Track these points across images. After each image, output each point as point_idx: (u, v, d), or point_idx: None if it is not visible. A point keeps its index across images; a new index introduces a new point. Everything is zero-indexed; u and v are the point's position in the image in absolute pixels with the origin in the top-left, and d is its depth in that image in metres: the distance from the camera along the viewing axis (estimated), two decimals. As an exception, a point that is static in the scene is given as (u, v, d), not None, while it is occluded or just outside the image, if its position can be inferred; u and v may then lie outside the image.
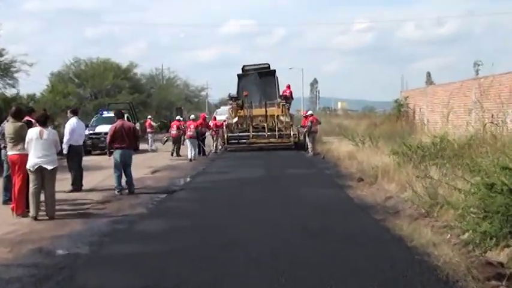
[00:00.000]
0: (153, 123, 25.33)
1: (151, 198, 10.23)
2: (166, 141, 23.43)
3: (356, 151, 16.48)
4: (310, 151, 20.18)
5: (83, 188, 11.31)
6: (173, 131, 21.58)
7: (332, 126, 31.66)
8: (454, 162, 9.37)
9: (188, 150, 19.83)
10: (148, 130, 24.66)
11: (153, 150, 23.74)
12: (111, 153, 10.94)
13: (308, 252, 5.87)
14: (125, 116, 26.80)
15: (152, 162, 18.45)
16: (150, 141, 24.21)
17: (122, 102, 32.53)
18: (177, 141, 21.29)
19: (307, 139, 20.74)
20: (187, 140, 19.85)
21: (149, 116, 26.50)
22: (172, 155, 21.04)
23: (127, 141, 10.86)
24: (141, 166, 16.53)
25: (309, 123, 20.37)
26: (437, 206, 7.29)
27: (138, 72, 47.25)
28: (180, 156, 20.76)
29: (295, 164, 17.11)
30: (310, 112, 21.95)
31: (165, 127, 42.35)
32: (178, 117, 23.52)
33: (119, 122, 10.97)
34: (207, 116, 25.55)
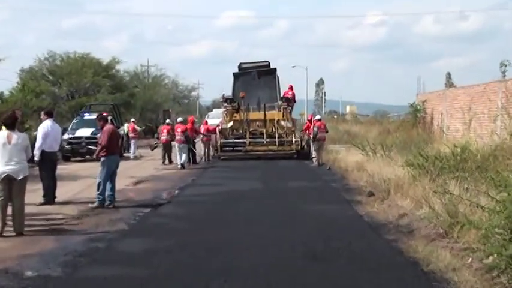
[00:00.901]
0: (137, 128, 25.33)
1: (133, 212, 10.21)
2: (155, 147, 23.44)
3: (366, 162, 16.50)
4: (314, 161, 20.26)
5: (56, 200, 11.27)
6: (163, 136, 21.66)
7: (339, 133, 31.71)
8: (476, 175, 9.39)
9: (178, 156, 19.90)
10: (131, 135, 24.65)
11: (136, 158, 23.73)
12: (98, 158, 10.99)
13: (311, 278, 5.85)
14: (108, 119, 27.41)
15: (135, 171, 18.42)
16: (133, 147, 24.20)
17: (105, 103, 32.63)
18: (169, 148, 21.44)
19: (312, 147, 20.74)
20: (176, 146, 20.03)
21: (132, 119, 26.51)
22: (164, 162, 21.17)
23: (118, 147, 11.12)
24: (123, 176, 16.43)
25: (315, 129, 20.35)
26: (458, 225, 7.29)
27: (121, 69, 47.43)
28: (172, 163, 20.82)
29: (298, 175, 17.09)
30: (318, 117, 21.87)
31: (150, 132, 42.42)
32: (168, 120, 23.54)
33: (111, 126, 11.15)
34: (196, 120, 25.58)
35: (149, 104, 48.49)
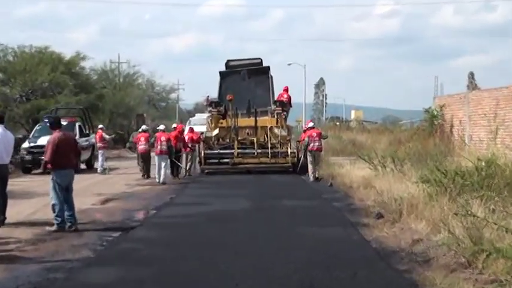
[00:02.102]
0: (106, 136, 25.23)
1: (100, 237, 10.17)
2: (130, 147, 23.43)
3: (374, 177, 16.53)
4: (310, 175, 20.39)
5: (7, 221, 11.18)
6: (142, 145, 21.70)
7: (343, 142, 31.82)
8: (505, 195, 9.42)
9: (156, 170, 19.95)
10: (98, 144, 24.57)
11: (104, 172, 23.64)
12: (48, 171, 10.94)
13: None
14: (77, 125, 27.72)
15: (103, 188, 18.35)
16: (100, 159, 24.13)
17: (73, 107, 32.57)
18: (148, 159, 21.56)
19: (307, 159, 20.87)
20: (156, 157, 20.09)
21: (100, 126, 26.42)
22: (144, 176, 21.29)
23: (72, 159, 10.91)
24: (87, 193, 16.42)
25: (306, 139, 20.62)
26: (483, 253, 7.29)
27: (87, 65, 47.21)
28: (149, 177, 21.02)
29: (294, 193, 17.09)
30: (311, 124, 22.13)
31: (121, 141, 42.26)
32: (144, 127, 23.53)
33: (59, 133, 10.94)
34: (175, 127, 25.52)
35: (120, 107, 48.28)
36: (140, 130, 22.96)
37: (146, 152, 21.46)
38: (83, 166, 25.62)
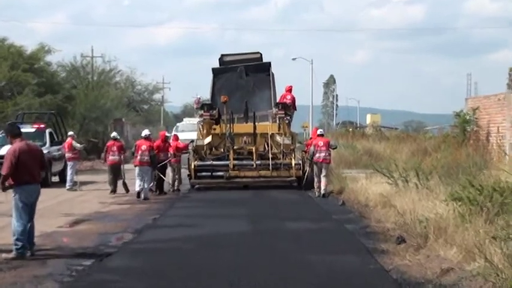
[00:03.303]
0: (76, 145, 25.15)
1: (68, 266, 10.12)
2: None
3: (394, 194, 16.46)
4: (316, 190, 20.52)
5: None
6: (113, 155, 21.86)
7: (357, 152, 31.75)
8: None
9: (136, 183, 19.96)
10: (68, 155, 24.51)
11: (73, 188, 23.57)
12: (6, 189, 10.85)
13: None
14: (47, 132, 27.68)
15: (72, 207, 18.31)
16: (69, 173, 24.05)
17: (43, 111, 32.53)
18: (117, 171, 21.73)
19: (313, 171, 21.03)
20: (136, 169, 20.22)
21: (70, 133, 26.36)
22: (113, 192, 21.51)
23: (36, 173, 10.90)
24: (53, 213, 16.36)
25: (312, 148, 20.81)
26: (526, 286, 7.26)
27: (53, 60, 47.19)
28: (117, 191, 21.05)
29: (299, 212, 17.08)
30: (320, 131, 22.21)
31: (95, 151, 42.18)
32: (114, 134, 23.49)
33: (21, 144, 10.89)
34: (168, 135, 25.59)
35: (93, 110, 48.12)
36: (111, 137, 23.11)
37: (117, 163, 21.71)
38: (55, 179, 25.60)
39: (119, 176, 21.89)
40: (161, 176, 21.56)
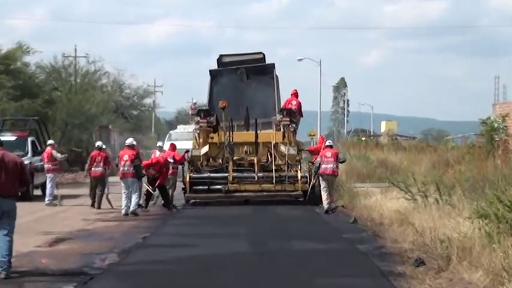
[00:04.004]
0: (57, 155, 25.13)
1: (47, 290, 10.07)
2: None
3: (412, 210, 16.47)
4: (325, 205, 20.67)
5: None
6: (96, 167, 21.95)
7: (370, 164, 31.72)
8: None
9: (123, 198, 19.98)
10: (46, 166, 24.48)
11: (53, 202, 23.53)
12: None
13: None
14: (29, 140, 27.61)
15: (52, 224, 18.28)
16: (49, 186, 24.02)
17: (25, 118, 32.53)
18: (101, 185, 21.88)
19: (321, 185, 21.07)
20: (121, 182, 20.29)
21: (50, 141, 26.35)
22: (93, 206, 21.57)
23: (11, 185, 10.89)
24: (31, 231, 16.31)
25: (318, 159, 21.01)
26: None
27: (32, 61, 47.19)
28: (102, 207, 21.11)
29: (306, 231, 17.06)
30: (329, 142, 22.35)
31: (78, 161, 42.09)
32: (99, 143, 23.48)
33: None
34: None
35: (77, 116, 48.13)
36: (96, 147, 23.17)
37: (100, 175, 21.88)
38: (37, 192, 25.54)
39: (102, 189, 21.92)
40: (149, 188, 21.44)
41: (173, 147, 24.01)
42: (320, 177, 20.92)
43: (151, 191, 21.54)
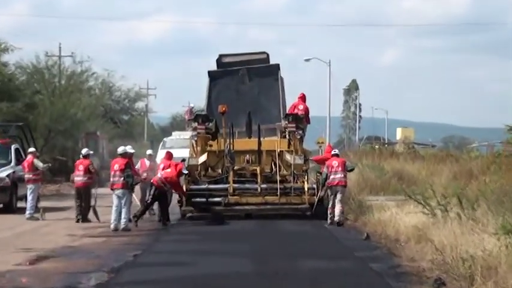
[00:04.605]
0: (39, 164, 25.13)
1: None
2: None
3: (431, 226, 16.49)
4: (328, 218, 21.04)
5: None
6: (77, 176, 21.98)
7: (385, 175, 31.71)
8: None
9: (113, 211, 20.05)
10: (27, 176, 24.49)
11: (34, 216, 23.52)
12: None
13: None
14: (12, 148, 27.57)
15: (33, 240, 18.28)
16: (30, 198, 24.02)
17: (7, 123, 32.58)
18: (85, 196, 22.01)
19: (327, 196, 21.32)
20: (113, 194, 20.32)
21: (31, 149, 26.37)
22: (78, 220, 21.69)
23: None
24: (10, 248, 16.35)
25: (325, 170, 21.33)
26: None
27: (11, 60, 47.12)
28: (89, 221, 21.34)
29: (313, 248, 17.06)
30: (335, 151, 22.57)
31: (63, 171, 42.07)
32: (85, 150, 23.50)
33: None
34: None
35: (61, 122, 48.09)
36: (81, 155, 23.23)
37: (81, 186, 21.96)
38: (21, 204, 25.50)
39: (87, 201, 21.96)
40: (136, 200, 21.47)
41: (169, 155, 23.89)
42: (329, 190, 21.09)
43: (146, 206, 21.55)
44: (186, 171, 21.85)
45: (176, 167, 21.92)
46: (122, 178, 20.09)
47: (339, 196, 20.98)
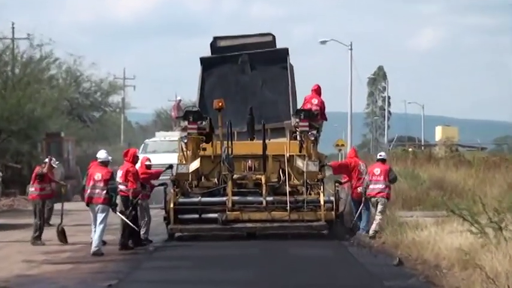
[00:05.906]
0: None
1: None
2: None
3: (481, 248, 16.47)
4: (356, 224, 21.70)
5: None
6: (31, 187, 22.42)
7: (421, 185, 31.80)
8: None
9: (92, 229, 20.21)
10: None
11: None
12: None
13: None
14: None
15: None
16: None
17: None
18: (40, 211, 22.18)
19: (370, 209, 21.72)
20: (96, 209, 20.33)
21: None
22: (35, 240, 21.98)
23: None
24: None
25: (366, 178, 21.61)
26: None
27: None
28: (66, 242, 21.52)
29: (332, 276, 17.13)
30: (381, 155, 23.05)
31: (17, 182, 42.22)
32: (51, 160, 23.62)
33: None
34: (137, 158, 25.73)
35: (15, 120, 48.14)
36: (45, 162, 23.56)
37: (36, 198, 22.27)
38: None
39: (45, 218, 22.41)
40: (124, 218, 21.55)
41: (147, 162, 23.39)
42: (368, 201, 21.69)
43: (130, 223, 21.49)
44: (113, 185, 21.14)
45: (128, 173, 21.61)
46: (105, 192, 20.01)
47: (379, 207, 21.39)
